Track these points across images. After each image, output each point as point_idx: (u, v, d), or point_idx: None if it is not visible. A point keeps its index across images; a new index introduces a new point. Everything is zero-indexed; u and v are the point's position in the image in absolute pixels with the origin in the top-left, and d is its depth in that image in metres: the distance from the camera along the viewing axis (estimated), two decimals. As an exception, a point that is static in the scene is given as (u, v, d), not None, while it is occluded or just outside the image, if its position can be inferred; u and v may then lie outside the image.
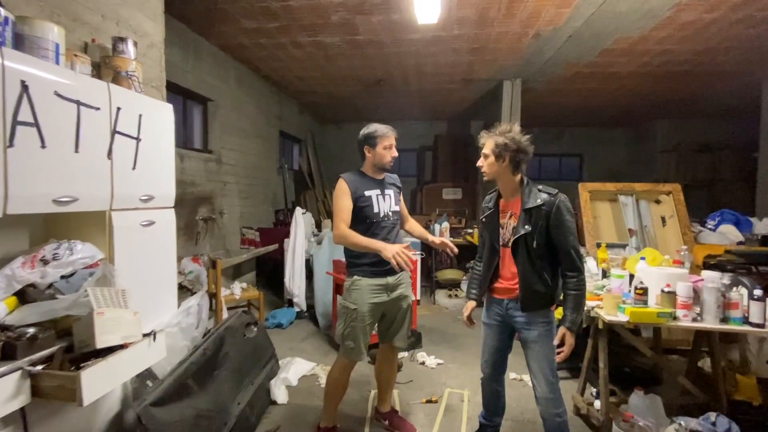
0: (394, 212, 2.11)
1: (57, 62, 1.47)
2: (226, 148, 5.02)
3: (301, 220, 4.30)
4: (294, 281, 4.24)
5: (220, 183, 4.88)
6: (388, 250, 1.80)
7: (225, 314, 3.38)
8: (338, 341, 2.10)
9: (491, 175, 1.82)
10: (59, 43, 1.49)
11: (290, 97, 7.07)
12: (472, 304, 2.05)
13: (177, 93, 4.26)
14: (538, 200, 1.74)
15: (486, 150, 1.81)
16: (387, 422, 2.32)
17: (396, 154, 2.09)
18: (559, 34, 4.22)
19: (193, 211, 4.28)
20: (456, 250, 2.07)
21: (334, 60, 5.05)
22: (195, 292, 3.37)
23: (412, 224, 2.34)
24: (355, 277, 2.04)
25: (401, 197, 2.24)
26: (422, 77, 5.77)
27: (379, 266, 1.98)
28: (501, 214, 1.88)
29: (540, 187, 1.80)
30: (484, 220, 1.93)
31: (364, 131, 2.09)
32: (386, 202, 2.09)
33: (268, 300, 4.83)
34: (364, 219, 2.01)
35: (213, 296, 3.50)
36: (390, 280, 2.05)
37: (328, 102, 7.30)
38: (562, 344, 1.75)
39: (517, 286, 1.80)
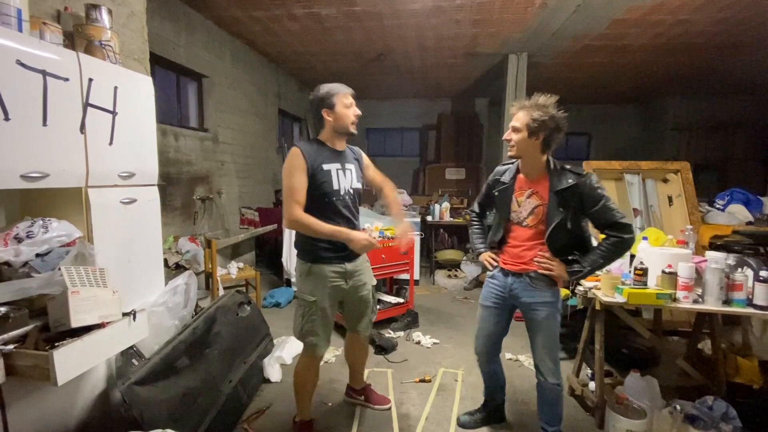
0: (355, 190, 1.89)
1: (20, 29, 1.39)
2: (222, 127, 4.92)
3: (299, 200, 4.23)
4: (291, 261, 4.22)
5: (217, 162, 4.81)
6: (357, 241, 1.71)
7: (221, 293, 3.38)
8: (298, 338, 1.92)
9: (519, 151, 1.70)
10: (22, 9, 1.40)
11: (289, 75, 6.89)
12: (488, 253, 1.94)
13: (169, 69, 4.14)
14: (570, 180, 1.66)
15: (517, 123, 1.67)
16: (362, 398, 2.31)
17: (359, 112, 1.87)
18: (567, 4, 4.00)
19: (189, 191, 4.23)
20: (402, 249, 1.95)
21: (332, 33, 4.87)
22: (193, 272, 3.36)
23: (389, 194, 2.03)
24: (311, 263, 1.83)
25: (371, 164, 2.05)
26: (424, 51, 5.57)
27: (338, 251, 1.81)
28: (517, 191, 1.78)
29: (568, 167, 1.71)
30: (497, 194, 1.84)
31: (315, 94, 1.86)
32: (347, 178, 1.85)
33: (268, 280, 4.84)
34: (321, 197, 1.78)
35: (210, 276, 3.50)
36: (348, 266, 1.87)
37: (329, 79, 6.76)
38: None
39: (523, 263, 1.78)
